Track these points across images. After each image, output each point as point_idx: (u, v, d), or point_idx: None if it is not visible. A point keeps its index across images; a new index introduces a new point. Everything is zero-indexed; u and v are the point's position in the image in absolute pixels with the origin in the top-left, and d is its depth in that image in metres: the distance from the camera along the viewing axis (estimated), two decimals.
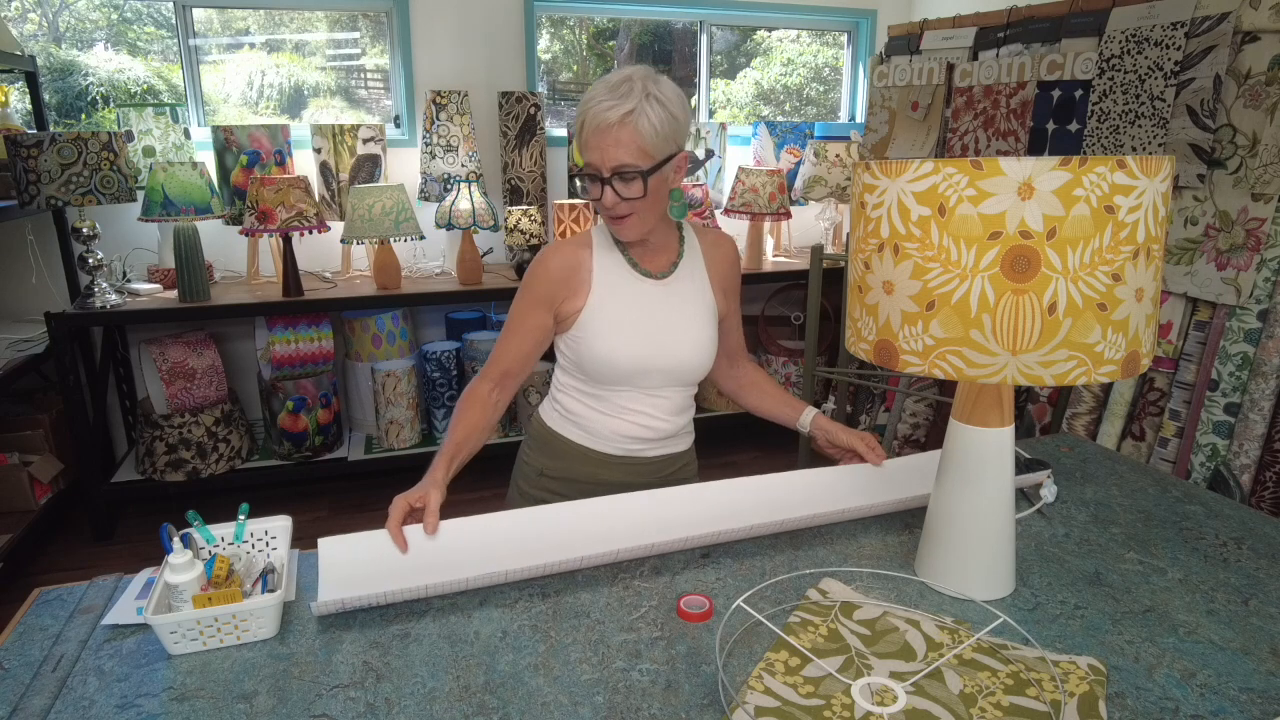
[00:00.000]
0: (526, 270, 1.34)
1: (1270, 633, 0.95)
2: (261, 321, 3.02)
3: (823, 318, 2.81)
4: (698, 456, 1.52)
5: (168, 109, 3.04)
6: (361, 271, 3.27)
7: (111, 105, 3.20)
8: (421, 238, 3.04)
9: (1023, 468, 1.34)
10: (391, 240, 2.94)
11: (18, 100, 3.04)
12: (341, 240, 3.03)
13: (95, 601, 1.03)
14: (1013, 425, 1.00)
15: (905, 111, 2.86)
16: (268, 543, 1.09)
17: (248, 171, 3.09)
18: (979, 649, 0.90)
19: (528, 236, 3.09)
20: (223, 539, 1.08)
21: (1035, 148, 2.42)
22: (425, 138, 3.24)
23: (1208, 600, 1.02)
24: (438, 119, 3.20)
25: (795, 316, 3.76)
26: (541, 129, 3.35)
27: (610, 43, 4.00)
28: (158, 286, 2.91)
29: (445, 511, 1.14)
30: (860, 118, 4.07)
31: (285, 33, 3.42)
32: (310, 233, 2.84)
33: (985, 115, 2.57)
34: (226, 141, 3.08)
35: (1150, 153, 2.12)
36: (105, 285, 2.69)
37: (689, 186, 3.33)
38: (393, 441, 3.09)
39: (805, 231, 3.89)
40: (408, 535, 1.10)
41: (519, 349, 1.33)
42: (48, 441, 2.83)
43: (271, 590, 0.99)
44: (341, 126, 3.17)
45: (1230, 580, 1.07)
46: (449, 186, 3.20)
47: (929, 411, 2.80)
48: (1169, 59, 2.03)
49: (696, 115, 3.91)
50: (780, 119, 4.03)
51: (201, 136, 3.16)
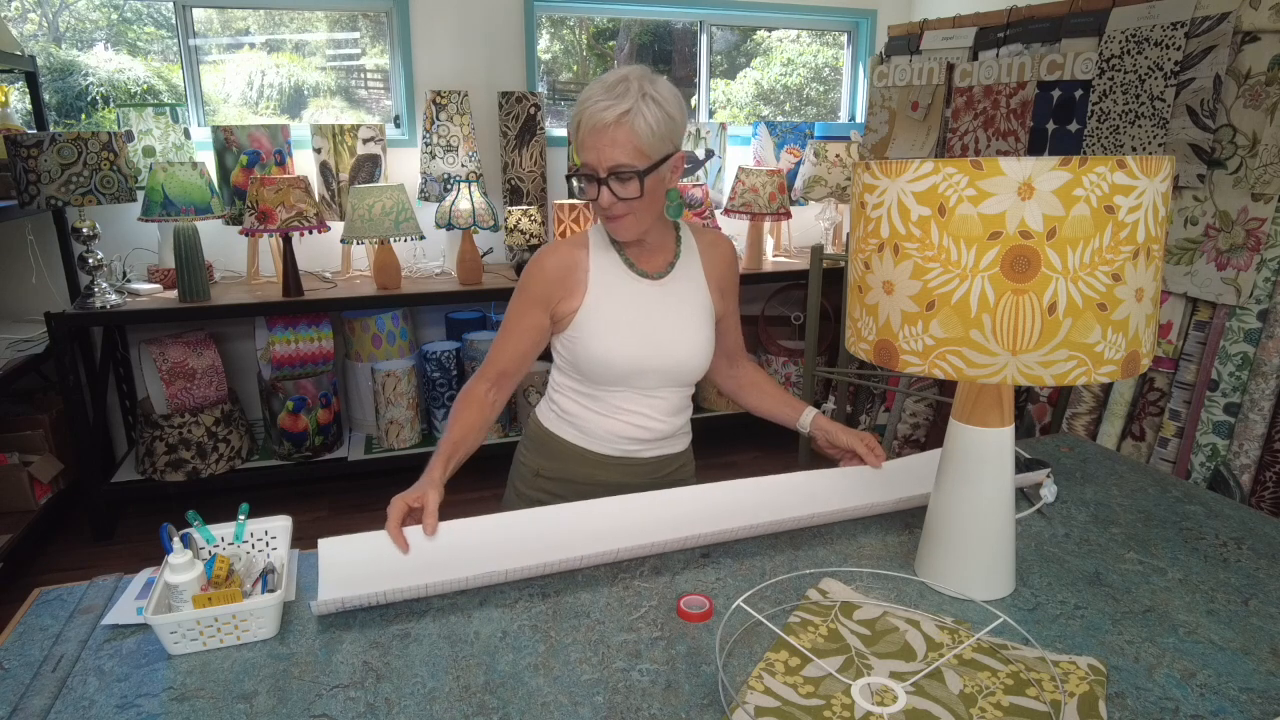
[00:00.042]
0: (523, 270, 1.33)
1: (1270, 633, 0.95)
2: (261, 321, 3.02)
3: (823, 318, 2.81)
4: (697, 456, 1.51)
5: (168, 109, 3.04)
6: (361, 271, 3.28)
7: (111, 105, 3.20)
8: (421, 238, 3.05)
9: (1023, 468, 1.34)
10: (391, 240, 2.94)
11: (18, 100, 3.04)
12: (341, 240, 3.03)
13: (95, 601, 1.03)
14: (1013, 425, 1.00)
15: (905, 111, 2.86)
16: (268, 543, 1.09)
17: (248, 171, 3.09)
18: (979, 649, 0.90)
19: (528, 236, 3.09)
20: (223, 539, 1.08)
21: (1035, 148, 2.42)
22: (425, 138, 3.24)
23: (1208, 600, 1.02)
24: (438, 119, 3.20)
25: (795, 316, 3.76)
26: (541, 129, 3.35)
27: (610, 43, 4.00)
28: (158, 286, 2.91)
29: (444, 512, 1.14)
30: (860, 118, 4.07)
31: (285, 33, 3.41)
32: (310, 233, 2.84)
33: (985, 115, 2.57)
34: (226, 141, 3.08)
35: (1150, 153, 2.12)
36: (105, 285, 2.69)
37: (689, 186, 3.32)
38: (393, 441, 3.09)
39: (805, 231, 3.89)
40: (407, 535, 1.10)
41: (515, 349, 1.33)
42: (48, 441, 2.83)
43: (271, 590, 0.99)
44: (341, 126, 3.17)
45: (1230, 580, 1.07)
46: (449, 186, 3.20)
47: (929, 411, 2.80)
48: (1169, 59, 2.03)
49: (696, 115, 3.91)
50: (780, 119, 4.03)
51: (201, 136, 3.17)
